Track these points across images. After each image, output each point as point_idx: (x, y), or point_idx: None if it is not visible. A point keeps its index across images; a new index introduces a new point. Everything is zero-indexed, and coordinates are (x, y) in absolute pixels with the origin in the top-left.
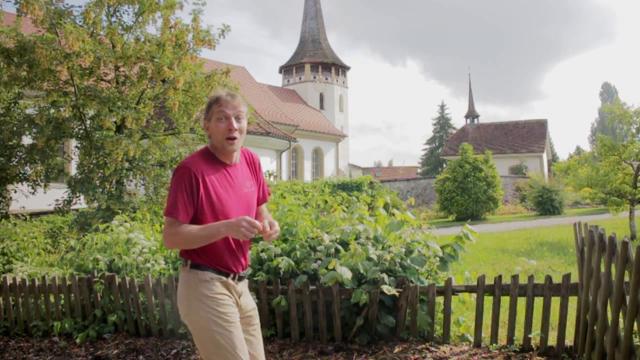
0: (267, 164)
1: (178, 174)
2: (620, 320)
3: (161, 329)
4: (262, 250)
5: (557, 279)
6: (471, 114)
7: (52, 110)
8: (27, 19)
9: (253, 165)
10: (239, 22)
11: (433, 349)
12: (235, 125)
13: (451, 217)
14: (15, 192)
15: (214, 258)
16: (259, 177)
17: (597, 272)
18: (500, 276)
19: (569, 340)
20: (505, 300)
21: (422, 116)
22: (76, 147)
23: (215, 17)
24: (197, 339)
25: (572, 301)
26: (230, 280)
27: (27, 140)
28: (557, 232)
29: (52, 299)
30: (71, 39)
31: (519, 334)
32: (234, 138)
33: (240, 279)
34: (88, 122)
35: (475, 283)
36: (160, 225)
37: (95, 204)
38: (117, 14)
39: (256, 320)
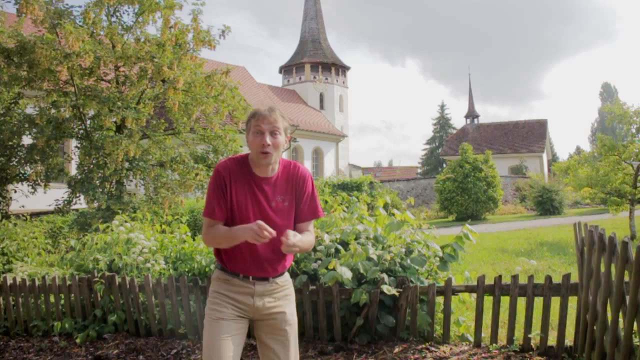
0: None
1: (212, 176)
2: (620, 320)
3: (161, 329)
4: None
5: (557, 279)
6: (471, 114)
7: (52, 110)
8: (27, 19)
9: (294, 181)
10: (238, 22)
11: (433, 349)
12: (269, 140)
13: (451, 217)
14: (15, 192)
15: (231, 260)
16: (301, 192)
17: (597, 272)
18: (500, 276)
19: (568, 340)
20: (505, 300)
21: (422, 116)
22: (76, 147)
23: (215, 17)
24: None
25: (572, 301)
26: (239, 281)
27: (27, 140)
28: (557, 232)
29: (52, 299)
30: (71, 39)
31: (519, 334)
32: (267, 153)
33: (261, 279)
34: (88, 122)
35: (475, 283)
36: (161, 226)
37: (95, 204)
38: (117, 14)
39: (284, 325)
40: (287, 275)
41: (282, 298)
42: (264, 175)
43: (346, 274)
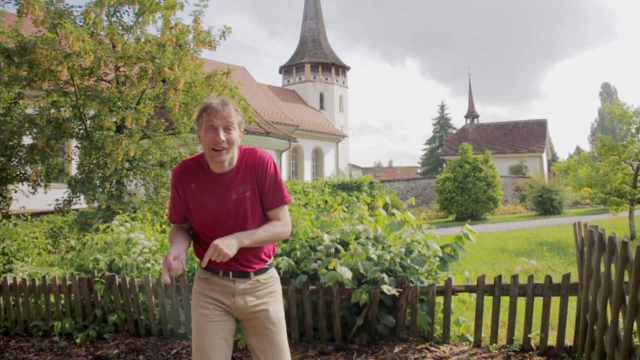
0: None
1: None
2: (620, 320)
3: (161, 328)
4: None
5: (557, 279)
6: (471, 114)
7: (52, 110)
8: (27, 19)
9: (252, 167)
10: (238, 22)
11: (433, 348)
12: (223, 136)
13: (451, 217)
14: (16, 192)
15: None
16: (262, 177)
17: (597, 272)
18: (500, 276)
19: (568, 340)
20: (505, 300)
21: (422, 116)
22: (76, 147)
23: (215, 17)
24: None
25: (572, 301)
26: (218, 279)
27: (27, 140)
28: (557, 232)
29: (52, 298)
30: (71, 39)
31: (518, 334)
32: (221, 150)
33: (240, 276)
34: (88, 122)
35: (475, 283)
36: (161, 225)
37: (96, 204)
38: (118, 14)
39: (267, 324)
40: (272, 271)
41: (265, 295)
42: (220, 171)
43: (346, 274)
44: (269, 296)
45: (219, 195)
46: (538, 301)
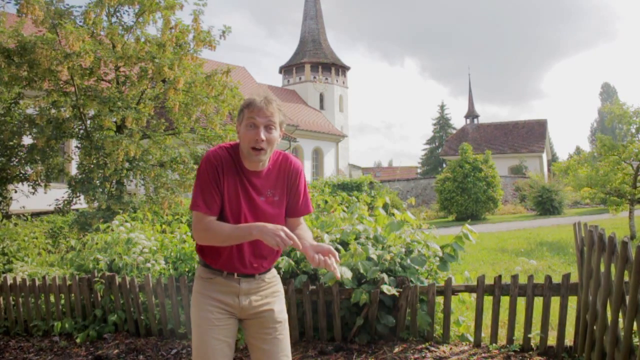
0: None
1: (201, 165)
2: (620, 320)
3: (161, 328)
4: None
5: (557, 279)
6: (471, 114)
7: (52, 111)
8: (28, 19)
9: (286, 174)
10: (237, 22)
11: (433, 348)
12: (264, 135)
13: (451, 217)
14: (16, 192)
15: (216, 256)
16: (294, 186)
17: (597, 272)
18: (500, 276)
19: (568, 340)
20: (505, 300)
21: (422, 116)
22: (76, 147)
23: (214, 17)
24: None
25: (572, 301)
26: (222, 279)
27: (27, 140)
28: (557, 232)
29: (52, 298)
30: (71, 39)
31: (518, 334)
32: (260, 149)
33: (245, 275)
34: (88, 122)
35: (475, 283)
36: (161, 225)
37: (96, 204)
38: (118, 14)
39: (272, 323)
40: (274, 271)
41: (269, 295)
42: (253, 169)
43: (346, 274)
44: (272, 296)
45: (251, 193)
46: (538, 301)
